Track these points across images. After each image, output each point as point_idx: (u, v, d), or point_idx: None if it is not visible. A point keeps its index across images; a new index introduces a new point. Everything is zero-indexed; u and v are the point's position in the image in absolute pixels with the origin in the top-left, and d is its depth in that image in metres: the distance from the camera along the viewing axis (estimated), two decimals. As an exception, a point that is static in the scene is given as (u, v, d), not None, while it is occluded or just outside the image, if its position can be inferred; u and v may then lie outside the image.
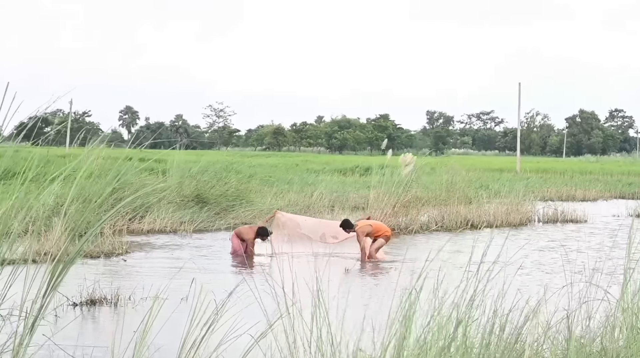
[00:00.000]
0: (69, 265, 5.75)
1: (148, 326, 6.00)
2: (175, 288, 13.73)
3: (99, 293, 12.74)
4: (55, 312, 11.56)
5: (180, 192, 26.30)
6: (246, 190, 29.17)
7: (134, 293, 12.92)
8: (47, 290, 5.63)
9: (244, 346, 6.28)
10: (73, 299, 12.44)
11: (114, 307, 12.48)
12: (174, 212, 24.86)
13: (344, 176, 45.98)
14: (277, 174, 42.90)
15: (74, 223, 5.91)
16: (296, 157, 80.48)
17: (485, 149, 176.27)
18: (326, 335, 6.57)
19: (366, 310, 6.98)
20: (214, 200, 26.74)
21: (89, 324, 11.79)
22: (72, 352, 8.41)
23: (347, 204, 30.08)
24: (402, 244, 23.01)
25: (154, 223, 24.23)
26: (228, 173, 29.95)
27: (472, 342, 6.64)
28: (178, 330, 6.21)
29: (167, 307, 7.30)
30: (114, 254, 18.40)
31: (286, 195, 30.60)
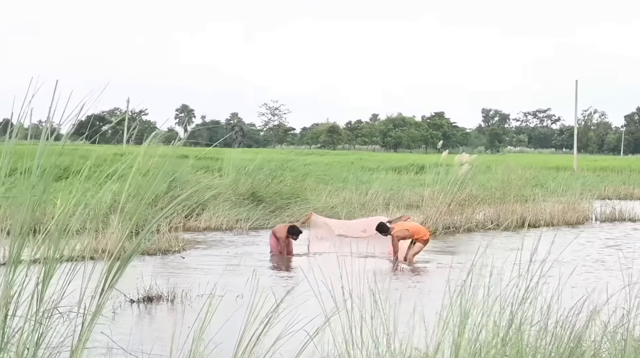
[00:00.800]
0: (126, 263, 5.81)
1: (205, 323, 6.04)
2: (231, 285, 13.81)
3: (156, 291, 12.85)
4: (113, 309, 11.68)
5: (236, 190, 26.41)
6: (301, 188, 29.20)
7: (190, 291, 13.01)
8: (105, 288, 5.68)
9: (300, 343, 6.29)
10: (130, 296, 12.55)
11: (170, 304, 12.58)
12: (230, 209, 24.99)
13: (399, 174, 45.83)
14: (331, 172, 42.89)
15: (130, 220, 5.95)
16: (351, 155, 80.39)
17: (541, 147, 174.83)
18: (381, 333, 6.57)
19: (418, 308, 6.95)
20: (269, 198, 26.81)
21: (146, 321, 11.89)
22: (130, 349, 8.48)
23: (402, 202, 29.99)
24: (456, 242, 22.91)
25: (210, 220, 24.37)
26: (283, 171, 30.03)
27: (528, 341, 6.60)
28: (234, 327, 6.24)
29: (224, 304, 7.35)
30: (170, 251, 18.54)
31: (341, 193, 30.58)
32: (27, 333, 5.38)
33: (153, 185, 6.19)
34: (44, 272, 5.55)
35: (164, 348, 6.75)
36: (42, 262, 5.56)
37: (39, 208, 5.78)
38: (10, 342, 5.39)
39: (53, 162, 5.72)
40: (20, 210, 5.48)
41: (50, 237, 5.68)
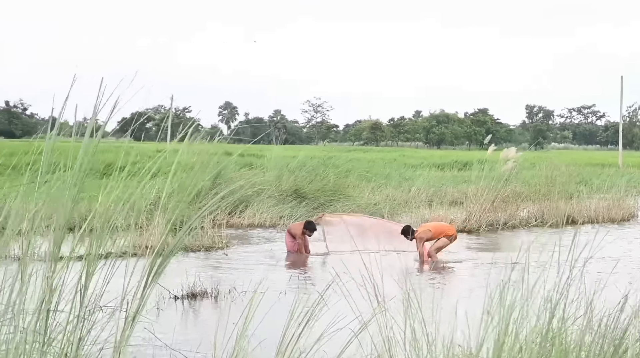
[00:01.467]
0: (168, 258, 5.84)
1: (248, 319, 6.05)
2: (274, 281, 13.85)
3: (200, 287, 12.91)
4: (157, 305, 11.75)
5: (279, 187, 26.45)
6: (344, 185, 29.17)
7: (233, 287, 13.05)
8: (147, 283, 5.72)
9: (342, 340, 6.29)
10: (174, 293, 12.62)
11: (214, 301, 12.62)
12: (273, 206, 25.03)
13: (442, 171, 45.66)
14: (374, 168, 42.77)
15: (173, 217, 5.98)
16: (394, 152, 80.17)
17: (586, 144, 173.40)
18: (421, 330, 6.55)
19: (460, 305, 6.92)
20: (312, 195, 26.81)
21: (190, 318, 11.95)
22: (174, 345, 8.53)
23: (445, 199, 29.88)
24: (499, 239, 22.80)
25: (253, 217, 24.43)
26: (326, 168, 30.01)
27: (571, 338, 6.55)
28: (277, 323, 6.26)
29: (267, 300, 7.36)
30: (214, 248, 18.63)
31: (384, 190, 30.52)
32: (70, 329, 5.42)
33: (195, 182, 6.22)
34: (87, 268, 5.59)
35: (208, 344, 6.78)
36: (85, 258, 5.60)
37: (82, 205, 5.83)
38: (55, 338, 5.44)
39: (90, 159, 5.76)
40: (63, 206, 5.53)
41: (93, 233, 5.73)
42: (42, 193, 5.58)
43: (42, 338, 5.27)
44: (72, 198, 5.57)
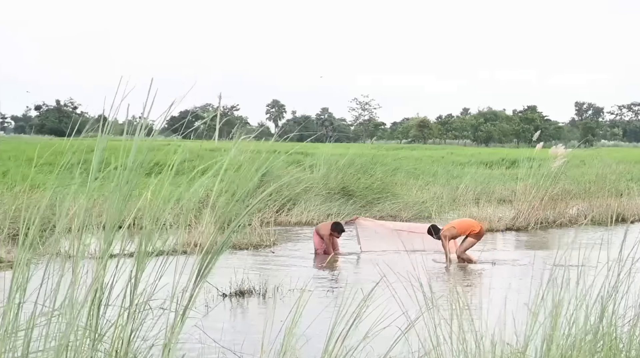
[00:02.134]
0: (217, 256, 5.87)
1: (296, 317, 6.07)
2: (321, 279, 13.88)
3: (248, 285, 12.96)
4: (206, 303, 11.82)
5: (327, 185, 26.47)
6: (391, 183, 29.13)
7: (281, 285, 13.09)
8: (196, 280, 5.75)
9: (388, 338, 6.29)
10: (223, 291, 12.69)
11: (262, 299, 12.67)
12: (321, 204, 25.05)
13: (490, 169, 45.39)
14: (422, 166, 42.67)
15: (221, 214, 6.01)
16: (441, 150, 79.85)
17: (636, 141, 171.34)
18: (468, 328, 6.53)
19: (504, 303, 6.88)
20: (359, 193, 26.81)
21: (238, 315, 12.00)
22: (223, 342, 8.57)
23: (493, 197, 29.73)
24: (548, 237, 22.64)
25: (301, 215, 24.47)
26: (373, 166, 29.98)
27: (620, 336, 6.50)
28: (324, 321, 6.28)
29: (314, 298, 7.38)
30: (262, 246, 18.70)
31: (431, 188, 30.45)
32: (120, 326, 5.47)
33: (245, 181, 6.24)
34: (137, 265, 5.64)
35: (256, 342, 6.82)
36: (135, 256, 5.65)
37: (132, 203, 5.88)
38: (105, 334, 5.50)
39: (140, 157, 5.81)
40: (113, 204, 5.58)
41: (142, 231, 5.77)
42: (93, 192, 5.63)
43: (92, 334, 5.32)
44: (122, 196, 5.62)
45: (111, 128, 5.86)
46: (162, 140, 23.05)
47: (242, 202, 6.14)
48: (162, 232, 6.03)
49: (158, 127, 6.10)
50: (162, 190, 6.03)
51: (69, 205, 5.60)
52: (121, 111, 5.78)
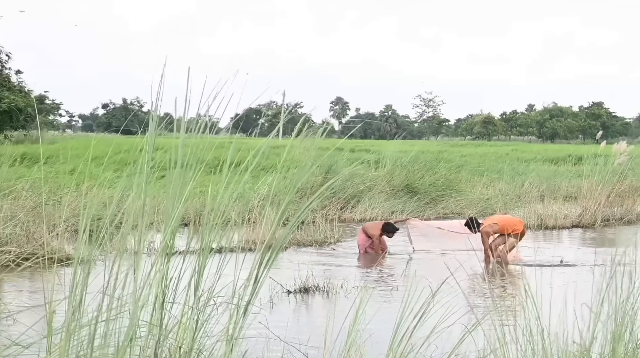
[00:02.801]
0: (277, 251, 5.88)
1: (359, 313, 6.07)
2: (385, 276, 13.86)
3: (312, 282, 12.98)
4: (270, 299, 11.86)
5: (391, 182, 26.44)
6: (456, 180, 29.01)
7: (345, 282, 13.08)
8: (257, 276, 5.78)
9: (453, 335, 6.26)
10: (287, 287, 12.73)
11: (326, 295, 12.68)
12: (385, 201, 25.01)
13: (556, 165, 44.96)
14: (486, 163, 42.39)
15: (282, 211, 6.03)
16: (506, 147, 79.22)
17: None
18: (535, 327, 6.47)
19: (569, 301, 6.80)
20: (423, 190, 26.72)
21: (302, 312, 12.02)
22: (287, 338, 8.59)
23: (559, 194, 29.45)
24: (615, 234, 22.35)
25: (365, 212, 24.44)
26: (438, 163, 29.88)
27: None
28: (389, 318, 6.26)
29: (378, 295, 7.36)
30: (326, 243, 18.71)
31: (496, 185, 30.24)
32: (185, 321, 5.51)
33: (309, 178, 6.25)
34: (200, 262, 5.68)
35: (320, 338, 6.83)
36: (199, 252, 5.69)
37: (196, 201, 5.92)
38: (170, 330, 5.54)
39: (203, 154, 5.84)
40: (177, 201, 5.62)
41: (206, 227, 5.81)
42: (157, 189, 5.68)
43: (158, 330, 5.37)
44: (186, 194, 5.66)
45: (176, 126, 5.90)
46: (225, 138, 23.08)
47: (307, 198, 6.14)
48: (225, 228, 6.06)
49: (221, 124, 6.14)
50: (225, 187, 6.05)
51: (135, 202, 5.65)
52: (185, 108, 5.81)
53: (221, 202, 5.97)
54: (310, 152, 20.21)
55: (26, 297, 11.37)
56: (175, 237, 5.59)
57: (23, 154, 26.54)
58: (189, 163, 5.70)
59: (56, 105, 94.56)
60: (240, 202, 14.68)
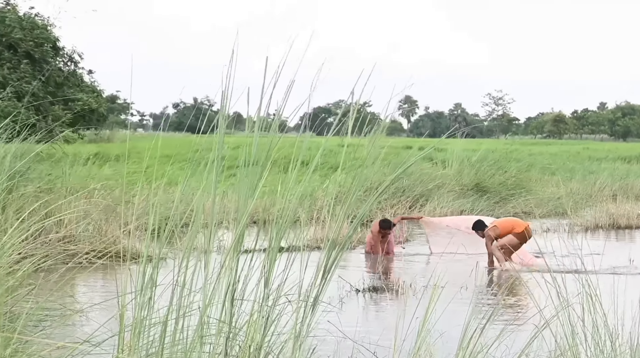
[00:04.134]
0: (343, 248, 5.88)
1: (429, 313, 6.04)
2: (455, 275, 13.78)
3: (382, 281, 12.98)
4: (340, 298, 11.88)
5: (460, 181, 26.33)
6: (526, 179, 28.80)
7: (414, 281, 13.05)
8: (324, 274, 5.78)
9: (523, 336, 6.21)
10: (356, 286, 12.73)
11: (395, 294, 12.66)
12: (454, 200, 24.90)
13: (629, 164, 44.33)
14: (557, 162, 41.97)
15: (354, 211, 6.03)
16: (577, 145, 78.33)
17: None
18: (603, 327, 6.38)
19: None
20: (493, 189, 26.56)
21: (372, 311, 12.02)
22: (356, 338, 8.59)
23: (631, 193, 29.05)
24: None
25: (433, 211, 24.35)
26: (507, 162, 29.68)
27: None
28: (458, 317, 6.22)
29: (447, 294, 7.32)
30: (394, 242, 18.66)
31: (567, 184, 29.93)
32: (255, 319, 5.53)
33: (377, 177, 6.25)
34: (269, 260, 5.70)
35: (390, 337, 6.81)
36: (268, 251, 5.71)
37: (265, 199, 5.95)
38: (240, 328, 5.57)
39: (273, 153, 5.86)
40: (246, 200, 5.65)
41: (274, 225, 5.83)
42: (227, 188, 5.72)
43: (227, 327, 5.40)
44: (255, 192, 5.69)
45: (245, 125, 5.92)
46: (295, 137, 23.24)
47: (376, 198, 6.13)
48: (294, 226, 6.08)
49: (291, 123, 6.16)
50: (294, 186, 6.07)
51: (204, 200, 5.69)
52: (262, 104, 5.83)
53: (290, 200, 5.99)
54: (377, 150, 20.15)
55: (98, 294, 11.54)
56: (244, 234, 5.62)
57: (96, 153, 26.93)
58: (258, 161, 5.72)
59: (127, 105, 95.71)
60: (308, 201, 14.71)
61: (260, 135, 5.78)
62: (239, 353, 5.50)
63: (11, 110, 50.01)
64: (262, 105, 5.73)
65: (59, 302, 7.07)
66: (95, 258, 12.25)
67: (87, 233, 14.17)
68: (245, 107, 5.87)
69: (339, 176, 6.14)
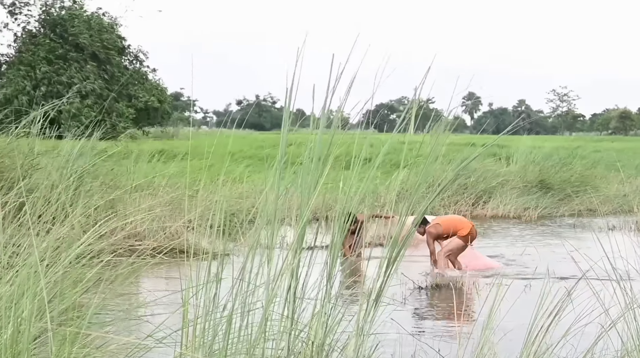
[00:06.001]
0: (403, 245, 5.87)
1: (493, 310, 6.01)
2: (519, 273, 13.68)
3: (444, 278, 12.93)
4: (403, 295, 11.86)
5: (524, 178, 26.13)
6: (591, 176, 28.47)
7: (477, 278, 12.99)
8: (387, 271, 5.78)
9: (588, 335, 6.14)
10: (419, 283, 12.70)
11: (457, 291, 12.60)
12: (517, 197, 24.71)
13: (697, 160, 43.56)
14: (624, 159, 41.39)
15: (413, 204, 6.01)
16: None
17: None
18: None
19: None
20: (557, 186, 26.32)
21: (434, 308, 11.98)
22: (418, 334, 8.58)
23: (701, 190, 28.56)
24: None
25: (497, 208, 24.20)
26: (572, 158, 29.38)
27: None
28: (523, 315, 6.17)
29: (511, 291, 7.27)
30: (457, 239, 18.57)
31: (633, 181, 29.51)
32: (317, 316, 5.55)
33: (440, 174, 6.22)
34: (331, 256, 5.71)
35: (453, 335, 6.79)
36: (329, 247, 5.72)
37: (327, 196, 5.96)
38: (303, 324, 5.58)
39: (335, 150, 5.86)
40: (308, 197, 5.66)
41: (336, 222, 5.84)
42: (289, 184, 5.73)
43: (290, 323, 5.42)
44: (317, 189, 5.70)
45: (307, 121, 5.94)
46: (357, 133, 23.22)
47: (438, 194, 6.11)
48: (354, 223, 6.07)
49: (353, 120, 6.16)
50: (357, 183, 6.07)
51: (267, 197, 5.71)
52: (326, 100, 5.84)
53: (352, 197, 6.00)
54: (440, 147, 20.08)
55: (162, 291, 11.64)
56: (306, 231, 5.64)
57: (161, 150, 27.19)
58: (321, 158, 5.74)
59: (191, 102, 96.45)
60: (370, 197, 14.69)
61: (323, 132, 5.79)
62: (301, 350, 5.52)
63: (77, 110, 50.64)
64: (326, 103, 5.74)
65: (123, 297, 7.16)
66: (160, 254, 12.37)
67: (151, 229, 14.29)
68: (309, 104, 5.89)
69: (401, 173, 6.12)
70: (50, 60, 54.95)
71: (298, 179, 5.74)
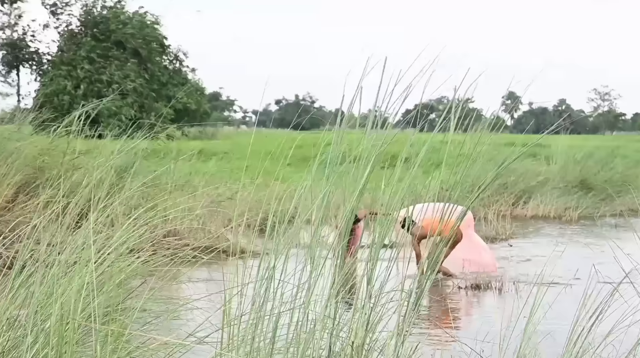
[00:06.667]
0: (443, 246, 5.86)
1: (534, 311, 5.97)
2: (560, 273, 13.58)
3: (485, 278, 12.87)
4: (442, 296, 11.83)
5: (564, 178, 25.97)
6: (633, 176, 28.23)
7: (517, 279, 12.91)
8: (425, 270, 5.77)
9: (631, 336, 6.08)
10: (458, 283, 12.66)
11: (498, 293, 12.54)
12: (558, 198, 24.57)
13: None
14: (668, 158, 40.99)
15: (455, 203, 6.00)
16: (686, 141, 76.39)
17: None
18: None
19: None
20: (599, 186, 26.13)
21: (475, 308, 11.94)
22: (459, 334, 8.55)
23: None
24: None
25: (537, 208, 24.08)
26: (614, 158, 29.16)
27: None
28: (564, 316, 6.13)
29: (552, 292, 7.22)
30: (497, 239, 18.51)
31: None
32: (358, 315, 5.54)
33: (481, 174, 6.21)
34: (372, 256, 5.70)
35: (494, 335, 6.75)
36: (371, 247, 5.72)
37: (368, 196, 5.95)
38: (344, 324, 5.58)
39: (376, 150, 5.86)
40: (350, 196, 5.67)
41: (377, 222, 5.83)
42: (331, 184, 5.73)
43: (332, 322, 5.42)
44: (358, 189, 5.69)
45: (348, 121, 5.93)
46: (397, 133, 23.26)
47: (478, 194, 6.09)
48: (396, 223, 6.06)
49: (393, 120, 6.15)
50: (397, 182, 6.06)
51: (308, 197, 5.72)
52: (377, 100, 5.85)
53: (392, 197, 5.99)
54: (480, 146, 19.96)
55: (203, 290, 11.67)
56: (348, 230, 5.64)
57: (200, 150, 27.32)
58: (361, 158, 5.73)
59: (231, 102, 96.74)
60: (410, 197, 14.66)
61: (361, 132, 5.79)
62: (341, 350, 5.52)
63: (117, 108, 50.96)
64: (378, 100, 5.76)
65: (164, 296, 7.20)
66: (200, 253, 12.40)
67: (191, 228, 14.34)
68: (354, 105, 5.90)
69: (441, 173, 6.10)
70: (92, 59, 55.34)
71: (344, 178, 5.75)
